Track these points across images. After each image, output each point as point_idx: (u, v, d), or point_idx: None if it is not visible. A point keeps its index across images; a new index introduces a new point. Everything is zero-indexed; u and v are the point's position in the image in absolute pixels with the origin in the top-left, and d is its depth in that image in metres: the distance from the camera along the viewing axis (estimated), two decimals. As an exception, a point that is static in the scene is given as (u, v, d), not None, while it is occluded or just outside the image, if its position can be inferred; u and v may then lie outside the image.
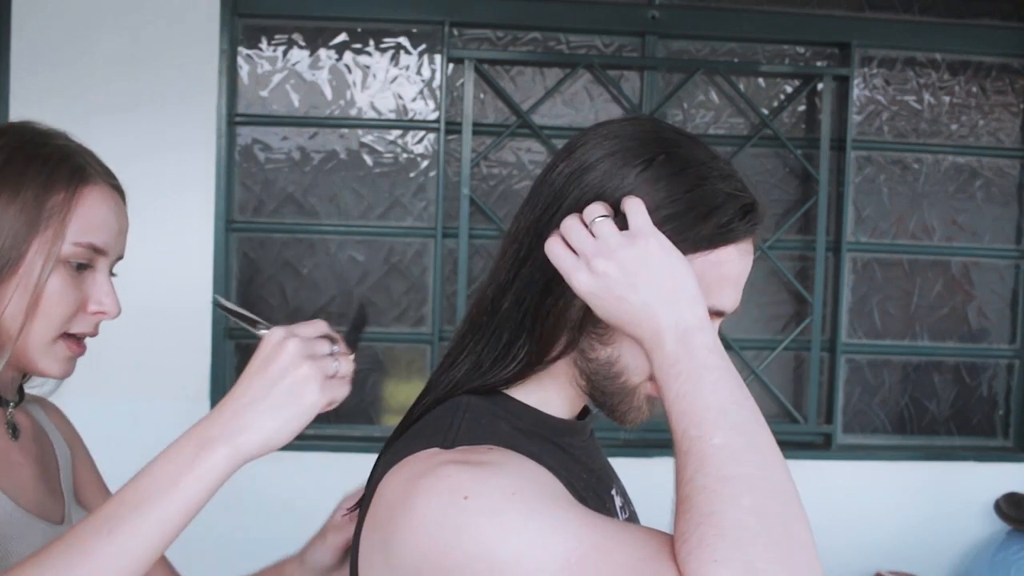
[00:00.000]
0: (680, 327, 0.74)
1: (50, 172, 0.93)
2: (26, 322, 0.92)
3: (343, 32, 2.58)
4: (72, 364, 0.98)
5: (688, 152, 0.80)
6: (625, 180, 0.78)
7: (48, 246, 0.92)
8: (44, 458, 1.05)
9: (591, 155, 0.80)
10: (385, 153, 2.61)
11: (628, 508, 0.92)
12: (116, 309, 0.98)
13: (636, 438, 2.63)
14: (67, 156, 0.96)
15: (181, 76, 2.41)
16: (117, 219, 0.98)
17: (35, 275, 0.91)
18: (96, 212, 0.95)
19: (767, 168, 2.72)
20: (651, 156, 0.79)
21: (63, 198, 0.93)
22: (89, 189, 0.95)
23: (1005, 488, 2.67)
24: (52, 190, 0.93)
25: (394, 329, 2.62)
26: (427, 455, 0.76)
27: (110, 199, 0.98)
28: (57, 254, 0.92)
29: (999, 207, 2.81)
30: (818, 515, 2.83)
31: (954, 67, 2.78)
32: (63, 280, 0.93)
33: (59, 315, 0.93)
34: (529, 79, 2.64)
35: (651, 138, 0.81)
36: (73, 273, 0.94)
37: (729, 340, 2.65)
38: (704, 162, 0.80)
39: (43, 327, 0.93)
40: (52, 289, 0.92)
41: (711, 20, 2.65)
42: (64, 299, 0.93)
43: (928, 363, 2.82)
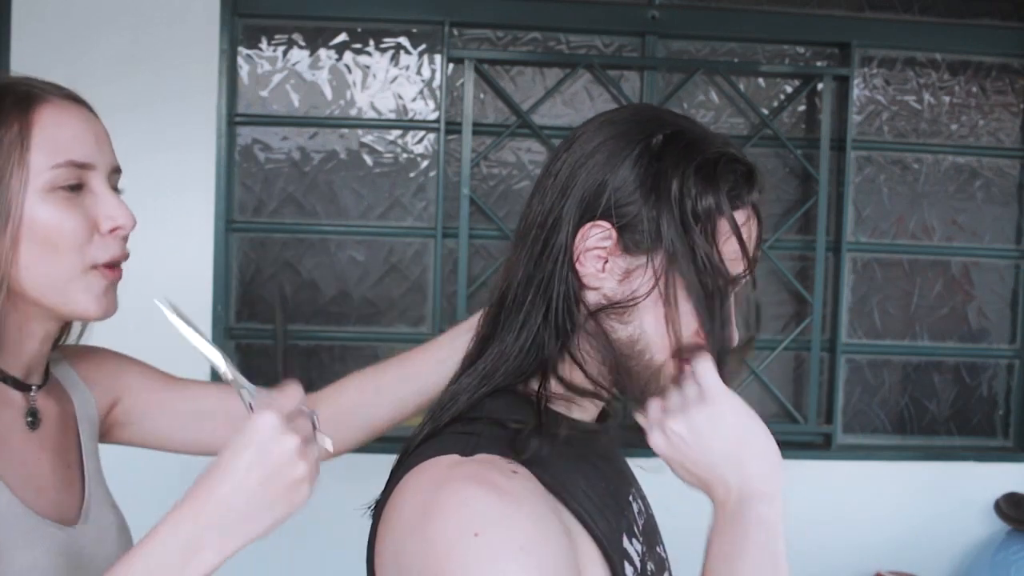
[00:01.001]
0: (744, 492, 0.79)
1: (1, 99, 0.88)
2: (34, 267, 0.87)
3: (343, 32, 2.58)
4: (112, 298, 0.93)
5: (684, 127, 0.82)
6: (625, 162, 0.79)
7: (23, 183, 0.87)
8: (65, 444, 0.99)
9: (591, 143, 0.81)
10: (385, 153, 2.61)
11: (644, 512, 0.92)
12: (130, 219, 0.92)
13: (636, 438, 2.62)
14: (6, 88, 0.91)
15: (181, 76, 2.41)
16: (89, 129, 0.93)
17: (26, 216, 0.86)
18: (60, 128, 0.90)
19: (767, 168, 2.72)
20: (648, 136, 0.80)
21: (17, 128, 0.87)
22: (42, 108, 0.89)
23: (1005, 488, 2.67)
24: (2, 125, 0.87)
25: (394, 329, 2.63)
26: (447, 463, 0.76)
27: (72, 110, 0.92)
28: (38, 187, 0.87)
29: (999, 207, 2.81)
30: (818, 515, 2.83)
31: (954, 67, 2.78)
32: (58, 208, 0.88)
33: (70, 244, 0.88)
34: (529, 79, 2.64)
35: (646, 119, 0.83)
36: (68, 197, 0.89)
37: (729, 340, 2.65)
38: (700, 135, 0.81)
39: (62, 262, 0.88)
40: (49, 220, 0.88)
41: (711, 20, 2.65)
42: (67, 226, 0.88)
43: (928, 363, 2.82)
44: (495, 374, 0.83)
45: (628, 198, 0.79)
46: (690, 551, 2.47)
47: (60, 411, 0.99)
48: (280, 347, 0.94)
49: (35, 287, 0.89)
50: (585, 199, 0.80)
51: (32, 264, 0.88)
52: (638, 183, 0.79)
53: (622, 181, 0.79)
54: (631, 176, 0.79)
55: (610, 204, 0.79)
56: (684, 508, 2.42)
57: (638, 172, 0.79)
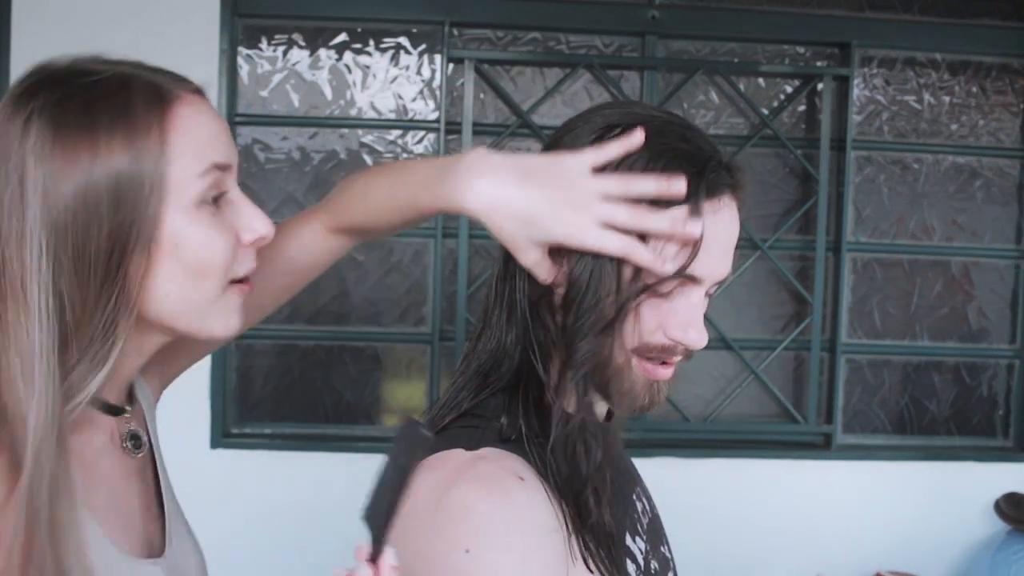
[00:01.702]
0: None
1: (118, 113, 0.74)
2: (179, 292, 0.76)
3: (343, 32, 2.58)
4: (240, 315, 0.82)
5: (647, 119, 0.80)
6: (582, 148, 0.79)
7: (166, 198, 0.74)
8: (146, 465, 0.90)
9: (555, 140, 0.86)
10: (385, 153, 2.61)
11: (649, 512, 0.92)
12: (271, 228, 0.83)
13: (636, 438, 2.63)
14: (130, 84, 0.76)
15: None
16: (219, 121, 0.81)
17: (171, 236, 0.75)
18: (200, 128, 0.78)
19: (767, 168, 2.72)
20: (607, 126, 0.81)
21: (157, 134, 0.74)
22: (177, 109, 0.77)
23: (1005, 488, 2.67)
24: (134, 134, 0.73)
25: (394, 329, 2.63)
26: (455, 460, 0.77)
27: (202, 105, 0.80)
28: (185, 201, 0.75)
29: (999, 207, 2.81)
30: (818, 515, 2.83)
31: (954, 67, 2.78)
32: (208, 227, 0.77)
33: (219, 265, 0.78)
34: (529, 79, 2.64)
35: (616, 113, 0.83)
36: (212, 211, 0.78)
37: (729, 340, 2.65)
38: (661, 128, 0.80)
39: (206, 287, 0.78)
40: (199, 242, 0.76)
41: (711, 20, 2.65)
42: (219, 246, 0.78)
43: (928, 363, 2.82)
44: (491, 372, 0.84)
45: None
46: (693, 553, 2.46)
47: (142, 428, 0.92)
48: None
49: (170, 314, 0.78)
50: None
51: (173, 291, 0.76)
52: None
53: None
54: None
55: None
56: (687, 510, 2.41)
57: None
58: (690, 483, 2.58)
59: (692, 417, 2.66)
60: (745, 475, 2.63)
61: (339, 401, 2.63)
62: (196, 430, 2.48)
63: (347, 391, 2.63)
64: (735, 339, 2.66)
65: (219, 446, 2.50)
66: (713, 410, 2.68)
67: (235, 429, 2.57)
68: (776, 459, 2.65)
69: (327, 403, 2.63)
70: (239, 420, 2.59)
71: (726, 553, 2.58)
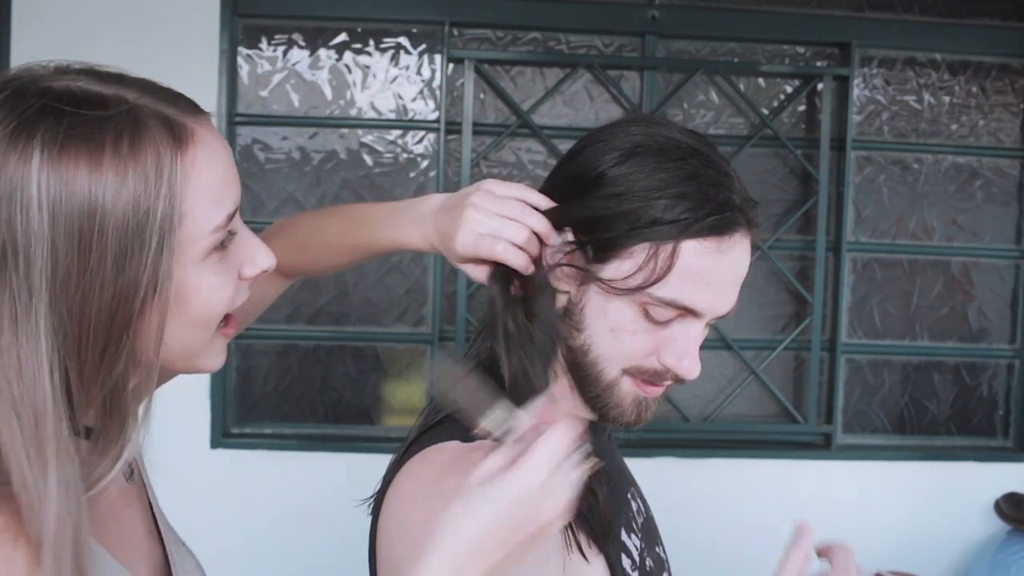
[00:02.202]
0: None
1: (126, 156, 0.65)
2: (179, 339, 0.73)
3: (343, 32, 2.58)
4: (226, 350, 0.80)
5: (672, 144, 0.81)
6: (599, 169, 0.81)
7: (176, 251, 0.68)
8: (142, 485, 0.89)
9: (583, 150, 0.85)
10: (385, 153, 2.61)
11: (643, 512, 0.93)
12: (274, 260, 0.78)
13: (636, 438, 2.63)
14: (145, 119, 0.67)
15: (181, 76, 2.38)
16: (230, 158, 0.74)
17: (176, 288, 0.70)
18: (214, 172, 0.71)
19: (767, 168, 2.72)
20: (632, 147, 0.81)
21: (167, 187, 0.66)
22: (192, 151, 0.69)
23: (1005, 488, 2.68)
24: (144, 180, 0.66)
25: (394, 329, 2.62)
26: (452, 448, 0.79)
27: (215, 142, 0.72)
28: (194, 254, 0.70)
29: (999, 207, 2.81)
30: (818, 515, 2.83)
31: (954, 67, 2.78)
32: (214, 275, 0.73)
33: (219, 311, 0.74)
34: (529, 79, 2.64)
35: (641, 133, 0.83)
36: (219, 257, 0.73)
37: (729, 340, 2.65)
38: (684, 155, 0.80)
39: (203, 331, 0.74)
40: (205, 293, 0.72)
41: (711, 20, 2.65)
42: (224, 294, 0.74)
43: (928, 363, 2.82)
44: (489, 369, 0.84)
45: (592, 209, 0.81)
46: (693, 552, 2.45)
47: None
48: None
49: (165, 360, 0.73)
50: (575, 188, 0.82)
51: (173, 339, 0.72)
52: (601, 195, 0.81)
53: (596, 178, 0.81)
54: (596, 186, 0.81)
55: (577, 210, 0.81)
56: (687, 510, 2.41)
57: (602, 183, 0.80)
58: (690, 483, 2.58)
59: (692, 417, 2.66)
60: (745, 475, 2.63)
61: (339, 401, 2.63)
62: (196, 430, 2.48)
63: (347, 391, 2.63)
64: (735, 339, 2.66)
65: (219, 446, 2.50)
66: (713, 410, 2.68)
67: (235, 429, 2.57)
68: (776, 459, 2.65)
69: (327, 403, 2.63)
70: (239, 420, 2.59)
71: (726, 553, 2.58)
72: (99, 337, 0.67)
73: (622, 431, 0.92)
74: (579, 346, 0.82)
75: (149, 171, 0.66)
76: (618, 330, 0.80)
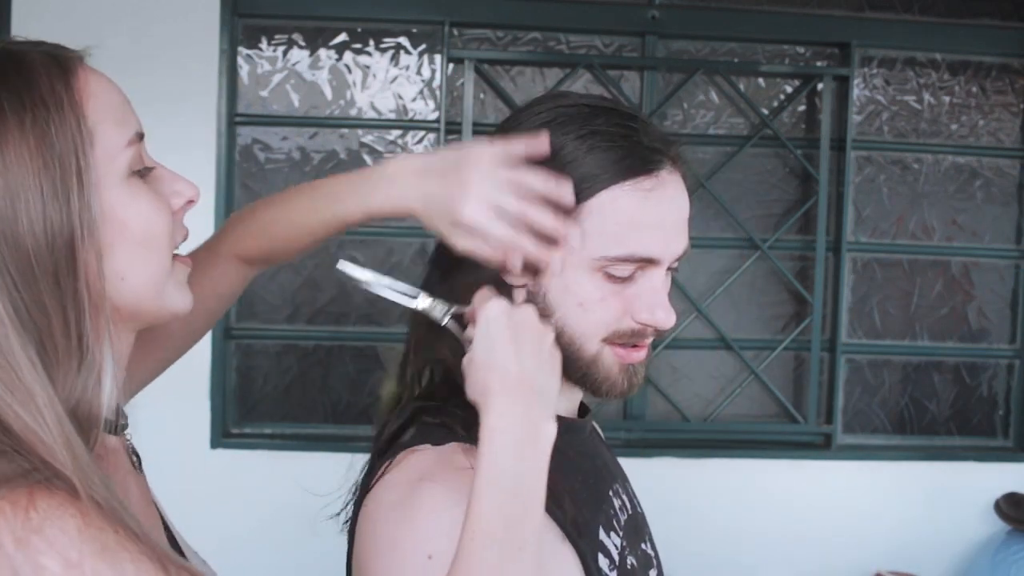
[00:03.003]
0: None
1: (27, 88, 0.67)
2: (134, 271, 0.71)
3: (343, 32, 2.58)
4: (189, 289, 0.79)
5: (576, 114, 0.81)
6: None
7: (97, 172, 0.68)
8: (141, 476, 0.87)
9: (507, 131, 0.84)
10: (385, 153, 2.61)
11: (628, 508, 0.92)
12: (196, 189, 0.79)
13: (636, 438, 2.63)
14: (18, 57, 0.69)
15: (181, 76, 2.41)
16: (119, 89, 0.75)
17: (111, 213, 0.69)
18: (110, 95, 0.72)
19: (767, 168, 2.72)
20: (545, 123, 0.81)
21: (67, 104, 0.68)
22: (82, 76, 0.70)
23: (1005, 488, 2.67)
24: (43, 107, 0.66)
25: (394, 329, 2.62)
26: (419, 454, 0.79)
27: (95, 71, 0.73)
28: (116, 173, 0.70)
29: (999, 207, 2.81)
30: (818, 515, 2.81)
31: (954, 67, 2.77)
32: (144, 194, 0.72)
33: (164, 235, 0.74)
34: (529, 79, 2.64)
35: (548, 107, 0.83)
36: (145, 182, 0.73)
37: (729, 340, 2.65)
38: (592, 112, 0.81)
39: (156, 260, 0.73)
40: (141, 213, 0.71)
41: (711, 20, 2.65)
42: (159, 215, 0.73)
43: (928, 363, 2.82)
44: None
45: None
46: (692, 552, 2.45)
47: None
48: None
49: (133, 298, 0.73)
50: None
51: (129, 272, 0.71)
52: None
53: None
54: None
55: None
56: (687, 510, 2.41)
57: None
58: (690, 483, 2.58)
59: (692, 417, 2.66)
60: (745, 475, 2.63)
61: (339, 401, 2.63)
62: (196, 430, 2.48)
63: (347, 391, 2.63)
64: (735, 339, 2.66)
65: (219, 446, 2.50)
66: (713, 410, 2.68)
67: (235, 429, 2.57)
68: (776, 459, 2.65)
69: (327, 403, 2.63)
70: (239, 420, 2.59)
71: (726, 553, 2.58)
72: (47, 270, 0.66)
73: (623, 431, 0.91)
74: (555, 332, 0.82)
75: (47, 98, 0.66)
76: (586, 302, 0.80)
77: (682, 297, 2.61)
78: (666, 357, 2.68)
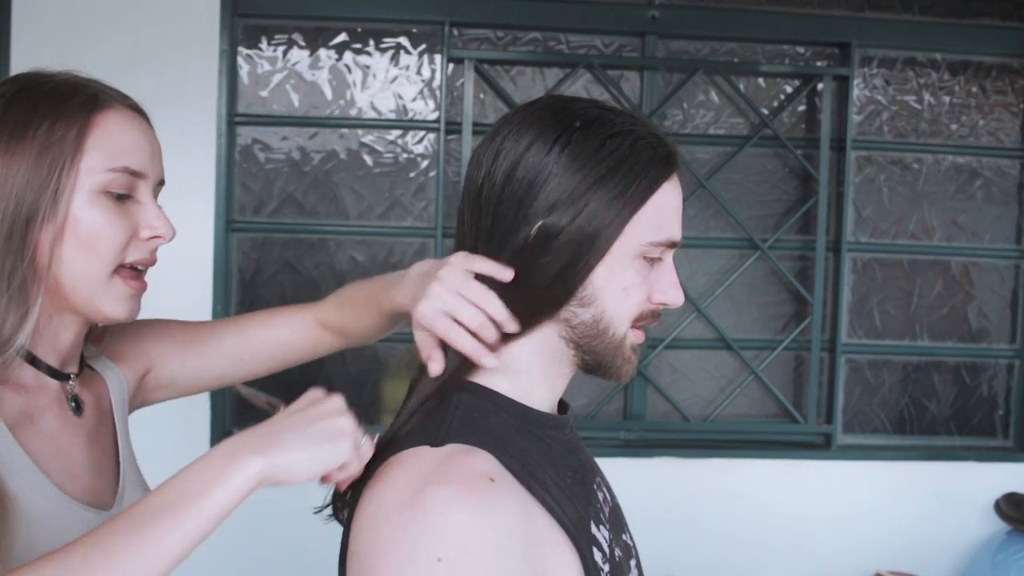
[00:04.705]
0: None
1: (57, 105, 0.89)
2: (71, 263, 0.89)
3: (343, 32, 2.58)
4: (136, 303, 0.96)
5: (597, 117, 0.86)
6: (554, 168, 0.83)
7: (75, 180, 0.88)
8: (101, 430, 1.02)
9: (514, 151, 0.85)
10: (385, 153, 2.61)
11: (609, 500, 0.95)
12: (170, 230, 0.96)
13: (636, 438, 2.63)
14: (74, 87, 0.92)
15: (181, 76, 2.41)
16: (146, 140, 0.95)
17: (71, 213, 0.88)
18: (121, 135, 0.92)
19: (767, 168, 2.72)
20: (562, 133, 0.84)
21: (78, 128, 0.89)
22: (105, 113, 0.91)
23: (1005, 488, 2.68)
24: (63, 123, 0.89)
25: (394, 329, 2.62)
26: (418, 456, 0.79)
27: (133, 120, 0.94)
28: (90, 186, 0.89)
29: (999, 207, 2.81)
30: (818, 515, 2.82)
31: (954, 67, 2.78)
32: (105, 211, 0.90)
33: (108, 248, 0.91)
34: (529, 79, 2.64)
35: (561, 113, 0.86)
36: (115, 203, 0.91)
37: (729, 340, 2.65)
38: (614, 123, 0.86)
39: (95, 264, 0.91)
40: (94, 222, 0.89)
41: (711, 20, 2.65)
42: (110, 230, 0.91)
43: (928, 363, 2.82)
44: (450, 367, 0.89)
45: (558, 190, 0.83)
46: (692, 552, 2.45)
47: (96, 398, 1.03)
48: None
49: (69, 282, 0.91)
50: (524, 200, 0.84)
51: (69, 260, 0.90)
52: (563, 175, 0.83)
53: (549, 175, 0.83)
54: (557, 171, 0.83)
55: (552, 202, 0.83)
56: (687, 510, 2.40)
57: (563, 164, 0.83)
58: (690, 483, 2.58)
59: (692, 417, 2.66)
60: (745, 475, 2.63)
61: (339, 401, 2.63)
62: (196, 430, 2.48)
63: (347, 391, 2.63)
64: (735, 339, 2.66)
65: (219, 446, 2.50)
66: (713, 410, 2.68)
67: (235, 429, 2.57)
68: (776, 459, 2.65)
69: (327, 403, 2.63)
70: (239, 420, 2.59)
71: (726, 552, 2.58)
72: (6, 232, 0.87)
73: (623, 431, 0.92)
74: (590, 320, 0.85)
75: (69, 117, 0.89)
76: (629, 287, 0.85)
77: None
78: (666, 357, 2.68)
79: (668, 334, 2.63)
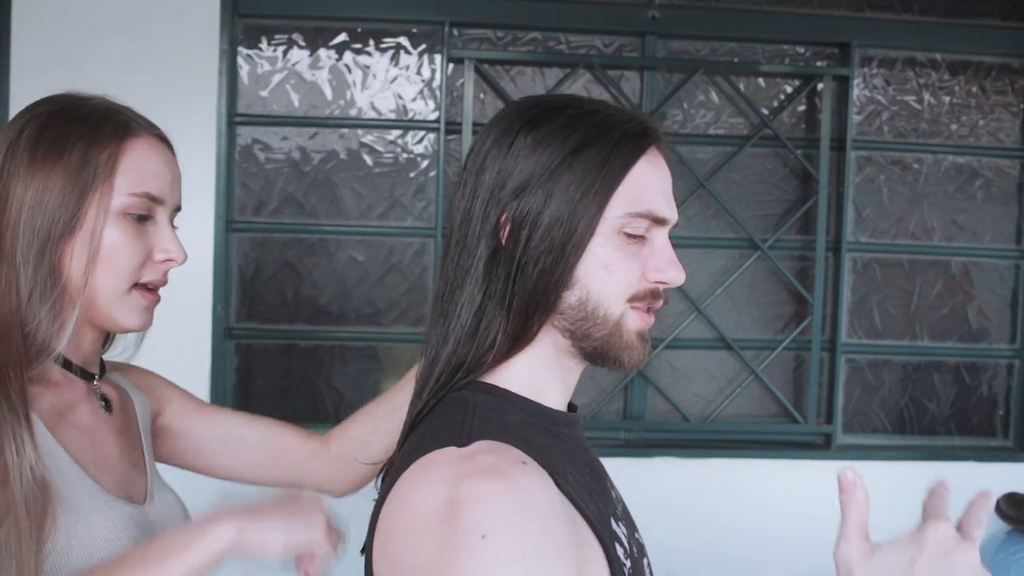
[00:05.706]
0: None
1: (92, 130, 0.96)
2: (91, 276, 0.96)
3: (343, 32, 2.58)
4: (150, 315, 1.03)
5: (562, 102, 0.87)
6: (519, 153, 0.84)
7: (102, 201, 0.95)
8: (129, 430, 1.08)
9: (483, 147, 0.87)
10: (385, 153, 2.61)
11: (622, 500, 0.95)
12: (182, 255, 1.03)
13: (636, 438, 2.63)
14: (108, 114, 0.99)
15: (181, 76, 2.41)
16: (168, 168, 1.03)
17: (95, 231, 0.95)
18: (146, 162, 0.99)
19: (767, 168, 2.72)
20: (528, 120, 0.85)
21: (109, 153, 0.96)
22: (135, 141, 0.99)
23: (1005, 488, 2.67)
24: (97, 147, 0.96)
25: (394, 329, 2.63)
26: (446, 456, 0.78)
27: (158, 149, 1.02)
28: (113, 208, 0.96)
29: (999, 207, 2.81)
30: (818, 515, 2.82)
31: (954, 67, 2.78)
32: (125, 232, 0.97)
33: (126, 266, 0.98)
34: (529, 79, 2.64)
35: (525, 106, 0.88)
36: (135, 225, 0.98)
37: (729, 340, 2.65)
38: (579, 105, 0.87)
39: (113, 279, 0.97)
40: (114, 241, 0.96)
41: (711, 20, 2.65)
42: (128, 250, 0.98)
43: (928, 363, 2.82)
44: (452, 367, 0.87)
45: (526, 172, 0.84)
46: (692, 552, 2.44)
47: (122, 403, 1.09)
48: None
49: (91, 293, 0.97)
50: (494, 192, 0.84)
51: (92, 274, 0.97)
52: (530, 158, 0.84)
53: (513, 164, 0.84)
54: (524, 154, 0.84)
55: (519, 185, 0.84)
56: (687, 510, 2.40)
57: (527, 147, 0.84)
58: (690, 483, 2.58)
59: (692, 417, 2.66)
60: (745, 475, 2.63)
61: (339, 401, 2.63)
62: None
63: (347, 391, 2.63)
64: (735, 339, 2.66)
65: (219, 446, 2.50)
66: (713, 410, 2.68)
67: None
68: (776, 459, 2.65)
69: (327, 403, 2.63)
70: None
71: (726, 553, 2.58)
72: (34, 248, 0.94)
73: (623, 432, 0.92)
74: (576, 303, 0.84)
75: (102, 142, 0.97)
76: (611, 264, 0.84)
77: (682, 297, 2.62)
78: (666, 357, 2.68)
79: (668, 334, 2.63)
